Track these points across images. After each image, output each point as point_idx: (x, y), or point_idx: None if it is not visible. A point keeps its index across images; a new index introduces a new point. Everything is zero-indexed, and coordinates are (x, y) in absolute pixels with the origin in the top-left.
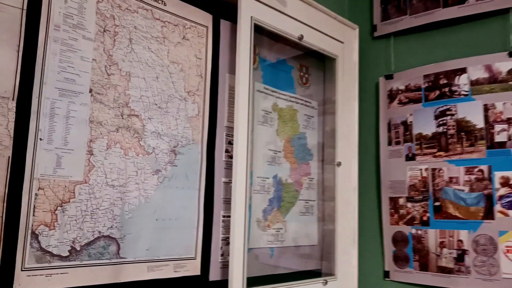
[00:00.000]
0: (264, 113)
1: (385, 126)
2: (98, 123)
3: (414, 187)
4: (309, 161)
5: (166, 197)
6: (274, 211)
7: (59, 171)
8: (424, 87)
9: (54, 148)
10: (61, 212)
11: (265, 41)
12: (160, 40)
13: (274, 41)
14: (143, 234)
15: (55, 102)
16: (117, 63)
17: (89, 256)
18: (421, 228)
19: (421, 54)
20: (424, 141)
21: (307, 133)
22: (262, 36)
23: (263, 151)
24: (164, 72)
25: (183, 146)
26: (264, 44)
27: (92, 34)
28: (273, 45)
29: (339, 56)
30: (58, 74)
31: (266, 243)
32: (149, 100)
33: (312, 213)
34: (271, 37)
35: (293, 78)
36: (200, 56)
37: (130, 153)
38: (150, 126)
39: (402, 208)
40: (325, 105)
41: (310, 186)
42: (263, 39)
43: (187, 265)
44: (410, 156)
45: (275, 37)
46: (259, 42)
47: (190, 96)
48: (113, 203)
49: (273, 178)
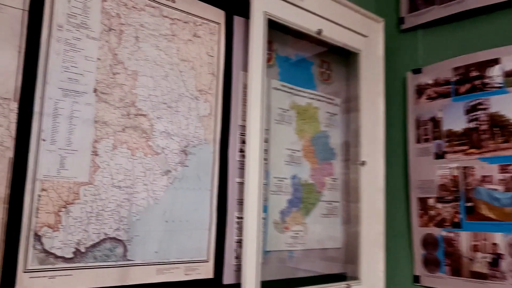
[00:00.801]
0: (281, 111)
1: (413, 122)
2: (103, 123)
3: (444, 186)
4: (332, 160)
5: (176, 198)
6: (293, 212)
7: (63, 172)
8: (453, 81)
9: (57, 149)
10: (65, 214)
11: (282, 37)
12: (169, 38)
13: (292, 36)
14: (152, 236)
15: (58, 102)
16: (123, 62)
17: (95, 258)
18: (452, 230)
19: (450, 46)
20: (454, 137)
21: (329, 131)
22: (278, 32)
23: (280, 150)
24: (174, 70)
25: (194, 146)
26: (281, 40)
27: (96, 33)
28: (291, 41)
29: (362, 50)
30: (61, 74)
31: (285, 246)
32: (157, 99)
33: (335, 214)
34: (288, 33)
35: (314, 75)
36: (212, 53)
37: (138, 153)
38: (159, 126)
39: (431, 209)
40: (349, 102)
41: (333, 186)
42: (280, 35)
43: (199, 268)
44: (439, 154)
45: (293, 32)
46: (276, 38)
47: (201, 94)
48: (120, 205)
49: (291, 178)
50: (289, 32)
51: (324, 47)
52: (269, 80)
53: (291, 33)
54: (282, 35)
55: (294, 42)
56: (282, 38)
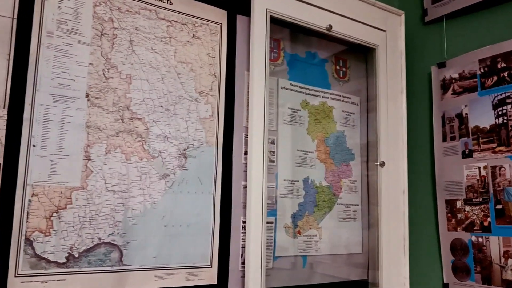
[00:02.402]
0: (291, 112)
1: (439, 120)
2: (96, 128)
3: (472, 188)
4: (350, 161)
5: (176, 202)
6: (306, 216)
7: (54, 177)
8: (479, 74)
9: (48, 154)
10: (57, 219)
11: (290, 35)
12: (166, 40)
13: (302, 34)
14: (150, 241)
15: (49, 108)
16: (116, 66)
17: (89, 263)
18: (482, 235)
19: (476, 36)
20: (481, 135)
21: (346, 131)
22: (285, 29)
23: (290, 152)
24: (171, 73)
25: (194, 149)
26: (289, 37)
27: (88, 39)
28: (301, 38)
29: (379, 45)
30: (52, 80)
31: (297, 251)
32: (153, 102)
33: (355, 218)
34: (297, 30)
35: (328, 72)
36: (214, 54)
37: (133, 157)
38: (156, 129)
39: (459, 212)
40: (369, 101)
41: (351, 189)
42: (288, 32)
43: (201, 274)
44: (466, 153)
45: (302, 29)
46: (283, 36)
47: (202, 96)
48: (114, 209)
49: (303, 181)
50: (297, 29)
51: (339, 44)
52: (277, 80)
53: (299, 30)
54: (290, 32)
55: (303, 39)
56: (291, 36)
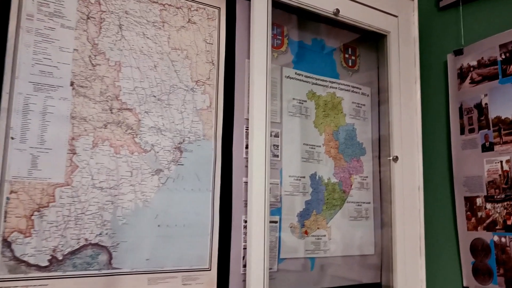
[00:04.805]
0: (296, 103)
1: (456, 111)
2: (81, 119)
3: (493, 183)
4: (361, 156)
5: (170, 200)
6: (314, 215)
7: (35, 172)
8: (500, 60)
9: (28, 148)
10: (38, 218)
11: (295, 20)
12: (159, 25)
13: (307, 20)
14: (142, 242)
15: (30, 98)
16: (104, 52)
17: (74, 266)
18: (506, 234)
19: (495, 20)
20: (503, 126)
21: (356, 124)
22: (290, 14)
23: (296, 146)
24: (164, 60)
25: (191, 143)
26: (294, 23)
27: (72, 22)
28: (307, 25)
29: (391, 32)
30: (32, 67)
31: (304, 253)
32: (145, 92)
33: (367, 217)
34: (302, 15)
35: (336, 61)
36: (211, 41)
37: (122, 151)
38: (148, 121)
39: (480, 209)
40: (380, 91)
41: (362, 186)
42: (292, 17)
43: (199, 277)
44: (487, 146)
45: (307, 14)
46: (287, 22)
47: (198, 86)
48: (102, 207)
49: (310, 177)
50: (302, 14)
51: (347, 31)
52: (281, 68)
53: (305, 15)
54: (294, 18)
55: (309, 25)
56: (295, 22)
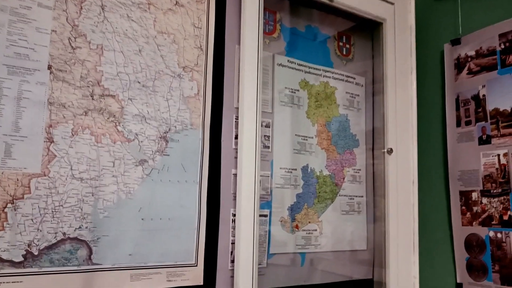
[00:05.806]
0: (288, 92)
1: (452, 102)
2: (60, 105)
3: (490, 177)
4: (354, 148)
5: (155, 192)
6: (305, 209)
7: (9, 162)
8: (500, 50)
9: (1, 135)
10: (12, 210)
11: (288, 6)
12: (144, 7)
13: (301, 6)
14: (125, 237)
15: (3, 82)
16: (85, 34)
17: (51, 262)
18: (501, 230)
19: (494, 9)
20: (501, 118)
21: (349, 115)
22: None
23: (287, 137)
24: (150, 44)
25: (177, 132)
26: (287, 9)
27: (51, 1)
28: (300, 11)
29: (387, 20)
30: (6, 49)
31: (295, 248)
32: (129, 77)
33: (359, 211)
34: (296, 1)
35: (330, 49)
36: (200, 25)
37: (104, 140)
38: (131, 108)
39: (475, 204)
40: (375, 81)
41: (355, 178)
42: (285, 2)
43: (185, 273)
44: (484, 139)
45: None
46: (280, 7)
47: (186, 72)
48: (82, 199)
49: (302, 169)
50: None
51: (342, 18)
52: (273, 55)
53: (298, 1)
54: (287, 3)
55: (303, 12)
56: (288, 8)
